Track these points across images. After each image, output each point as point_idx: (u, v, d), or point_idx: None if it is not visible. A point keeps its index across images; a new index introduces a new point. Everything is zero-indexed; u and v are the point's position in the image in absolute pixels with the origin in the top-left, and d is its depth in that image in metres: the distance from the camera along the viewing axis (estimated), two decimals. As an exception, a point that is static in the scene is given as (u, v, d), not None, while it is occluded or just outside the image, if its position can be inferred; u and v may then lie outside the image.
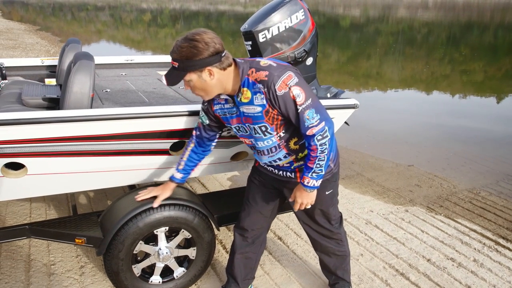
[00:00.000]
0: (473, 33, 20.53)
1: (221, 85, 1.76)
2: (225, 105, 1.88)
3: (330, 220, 2.14)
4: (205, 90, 1.76)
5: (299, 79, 1.73)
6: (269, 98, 1.71)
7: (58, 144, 2.00)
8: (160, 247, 2.22)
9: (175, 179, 2.11)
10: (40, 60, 3.47)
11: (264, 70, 1.72)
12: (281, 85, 1.69)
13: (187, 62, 1.66)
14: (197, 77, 1.70)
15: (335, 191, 2.11)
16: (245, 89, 1.75)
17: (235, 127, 1.92)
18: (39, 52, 11.49)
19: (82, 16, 30.28)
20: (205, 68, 1.68)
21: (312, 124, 1.73)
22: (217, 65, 1.70)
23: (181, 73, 1.69)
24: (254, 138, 1.89)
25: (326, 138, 1.76)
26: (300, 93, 1.70)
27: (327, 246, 2.22)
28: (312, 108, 1.73)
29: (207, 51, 1.66)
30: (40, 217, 3.11)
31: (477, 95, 9.14)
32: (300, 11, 2.83)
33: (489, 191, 4.08)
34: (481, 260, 2.87)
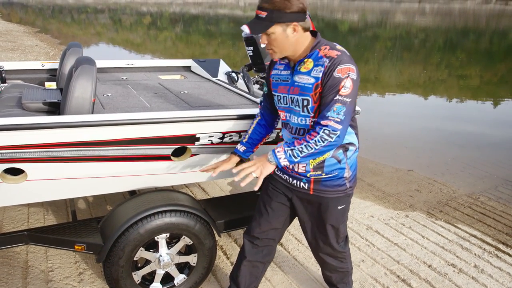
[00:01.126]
0: (469, 38, 20.65)
1: (296, 46, 1.77)
2: (282, 71, 1.90)
3: (338, 238, 2.08)
4: (283, 45, 1.75)
5: (357, 79, 1.75)
6: (325, 72, 1.71)
7: (59, 149, 1.98)
8: (160, 254, 2.20)
9: (238, 152, 2.10)
10: (41, 63, 3.46)
11: (338, 51, 1.74)
12: (343, 69, 1.70)
13: (278, 13, 1.67)
14: (282, 31, 1.71)
15: (347, 208, 2.04)
16: (309, 60, 1.77)
17: (278, 96, 1.91)
18: (38, 55, 11.46)
19: (81, 18, 30.28)
20: (292, 22, 1.70)
21: (332, 117, 1.71)
22: (302, 24, 1.73)
23: (269, 23, 1.69)
24: (292, 111, 1.87)
25: (330, 138, 1.72)
26: (349, 87, 1.71)
27: (329, 263, 2.19)
28: (345, 106, 1.72)
29: (297, 6, 1.68)
30: (38, 222, 3.08)
31: (474, 100, 9.17)
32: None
33: (488, 196, 4.08)
34: (482, 266, 2.87)
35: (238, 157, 2.12)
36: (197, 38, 20.03)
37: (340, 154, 1.88)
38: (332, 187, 1.92)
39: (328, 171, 1.89)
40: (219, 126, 2.20)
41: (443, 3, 50.05)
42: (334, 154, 1.87)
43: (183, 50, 16.31)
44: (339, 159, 1.88)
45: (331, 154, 1.86)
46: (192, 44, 18.12)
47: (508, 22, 28.41)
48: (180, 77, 3.58)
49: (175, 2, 55.75)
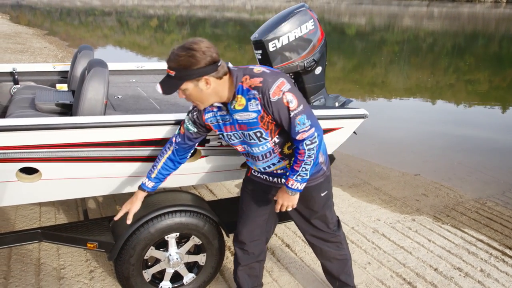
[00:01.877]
0: (478, 43, 20.54)
1: (217, 94, 1.78)
2: (218, 112, 1.89)
3: (328, 224, 2.17)
4: (201, 99, 1.78)
5: (292, 85, 1.78)
6: (263, 104, 1.74)
7: (72, 150, 2.03)
8: (170, 253, 2.24)
9: (146, 188, 2.06)
10: (52, 65, 3.52)
11: (258, 77, 1.75)
12: (275, 91, 1.73)
13: (185, 71, 1.68)
14: (194, 86, 1.72)
15: (330, 193, 2.14)
16: (240, 96, 1.77)
17: (227, 134, 1.93)
18: (47, 57, 11.60)
19: (89, 21, 30.56)
20: (202, 77, 1.70)
21: (302, 129, 1.77)
22: (213, 74, 1.72)
23: (178, 82, 1.70)
24: (248, 144, 1.91)
25: (314, 144, 1.79)
26: (293, 99, 1.75)
27: (327, 250, 2.24)
28: (304, 114, 1.77)
29: (204, 60, 1.67)
30: (50, 221, 3.13)
31: (482, 105, 9.13)
32: (310, 21, 2.87)
33: (496, 201, 4.08)
34: (488, 270, 2.87)
35: (146, 192, 2.09)
36: (204, 41, 20.06)
37: None
38: (312, 175, 1.96)
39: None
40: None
41: (452, 7, 49.81)
42: None
43: (190, 53, 16.36)
44: None
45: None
46: (199, 47, 18.18)
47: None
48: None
49: (182, 5, 56.08)
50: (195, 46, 1.66)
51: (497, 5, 53.13)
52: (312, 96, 3.08)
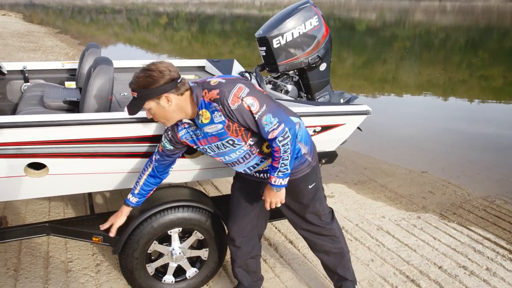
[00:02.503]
0: (493, 37, 20.20)
1: (180, 110, 1.85)
2: (189, 128, 1.95)
3: (320, 216, 2.16)
4: (166, 116, 1.85)
5: (250, 89, 1.80)
6: (226, 114, 1.78)
7: (78, 145, 2.08)
8: (173, 248, 2.28)
9: (130, 203, 2.13)
10: (61, 63, 3.58)
11: (215, 89, 1.79)
12: (233, 99, 1.76)
13: (145, 91, 1.77)
14: (156, 104, 1.80)
15: (318, 185, 2.13)
16: (204, 110, 1.82)
17: (202, 148, 1.98)
18: (59, 55, 11.76)
19: (100, 19, 30.86)
20: (162, 95, 1.78)
21: (271, 128, 1.79)
22: (173, 91, 1.79)
23: (140, 102, 1.80)
24: (224, 153, 1.95)
25: (287, 138, 1.80)
26: (253, 102, 1.77)
27: (322, 244, 2.24)
28: (268, 113, 1.79)
29: (162, 79, 1.76)
30: (58, 215, 3.21)
31: (496, 101, 8.98)
32: (314, 17, 2.87)
33: (505, 200, 4.04)
34: (494, 269, 2.85)
35: (131, 207, 2.16)
36: (212, 38, 20.20)
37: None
38: (297, 167, 2.00)
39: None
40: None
41: (466, 1, 49.01)
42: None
43: (198, 50, 16.48)
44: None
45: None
46: (207, 44, 18.27)
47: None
48: (194, 76, 3.66)
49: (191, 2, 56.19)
50: (152, 67, 1.77)
51: (513, -1, 52.07)
52: (317, 92, 3.09)
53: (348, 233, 3.23)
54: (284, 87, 3.19)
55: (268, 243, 3.04)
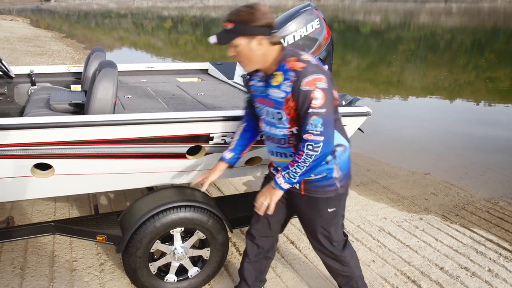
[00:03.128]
0: (499, 39, 20.08)
1: (264, 59, 1.82)
2: (259, 82, 1.95)
3: (331, 241, 2.09)
4: (249, 58, 1.81)
5: (328, 86, 1.76)
6: (293, 87, 1.76)
7: (83, 146, 2.13)
8: (175, 247, 2.32)
9: (225, 159, 2.15)
10: (67, 67, 3.65)
11: (303, 63, 1.77)
12: (309, 82, 1.73)
13: (242, 26, 1.75)
14: (246, 43, 1.78)
15: (339, 211, 2.05)
16: (279, 73, 1.81)
17: (257, 107, 1.98)
18: (65, 59, 11.90)
19: (105, 23, 31.12)
20: (256, 36, 1.76)
21: (311, 130, 1.75)
22: (268, 37, 1.78)
23: (233, 35, 1.77)
24: (270, 122, 1.93)
25: (315, 152, 1.76)
26: (319, 98, 1.73)
27: (329, 265, 2.18)
28: (321, 118, 1.74)
29: (262, 21, 1.75)
30: (63, 216, 3.26)
31: (502, 103, 8.94)
32: (315, 20, 2.90)
33: (508, 201, 4.03)
34: (496, 270, 2.85)
35: (226, 163, 2.16)
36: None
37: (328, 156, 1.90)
38: (322, 187, 1.96)
39: (316, 173, 1.92)
40: (232, 126, 2.30)
41: (471, 2, 48.77)
42: None
43: (203, 53, 16.57)
44: (326, 160, 1.91)
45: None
46: (212, 48, 18.35)
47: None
48: (197, 79, 3.71)
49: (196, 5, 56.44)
50: (256, 6, 1.76)
51: (519, 0, 51.76)
52: None
53: (350, 234, 3.25)
54: (286, 89, 3.23)
55: (270, 244, 3.06)
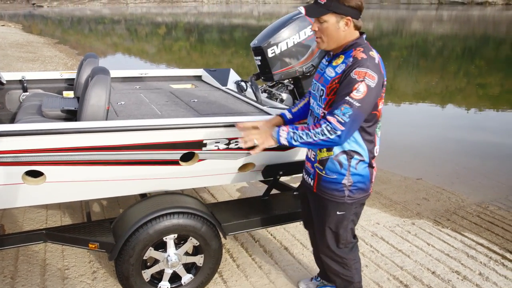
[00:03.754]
0: (489, 46, 20.37)
1: (342, 40, 1.85)
2: (325, 61, 2.00)
3: (338, 243, 2.10)
4: (331, 36, 1.84)
5: (375, 88, 1.77)
6: (345, 70, 1.80)
7: (75, 153, 2.12)
8: (169, 254, 2.31)
9: (285, 116, 2.21)
10: (59, 73, 3.64)
11: (366, 56, 1.79)
12: (361, 73, 1.76)
13: (336, 3, 1.78)
14: (334, 21, 1.81)
15: (349, 217, 2.03)
16: (342, 56, 1.86)
17: (314, 82, 2.04)
18: (57, 65, 11.85)
19: (99, 29, 31.06)
20: (347, 16, 1.80)
21: (337, 115, 1.76)
22: (354, 20, 1.82)
23: (325, 10, 1.79)
24: (315, 97, 2.00)
25: (329, 135, 1.78)
26: (362, 92, 1.74)
27: (330, 266, 2.19)
28: (352, 109, 1.75)
29: (355, 2, 1.79)
30: (55, 223, 3.23)
31: (492, 109, 9.05)
32: (308, 27, 2.94)
33: (498, 205, 4.07)
34: (487, 274, 2.88)
35: (282, 120, 2.20)
36: (211, 48, 20.34)
37: (344, 159, 1.93)
38: (330, 190, 1.99)
39: (328, 172, 1.97)
40: (225, 133, 2.31)
41: (462, 10, 49.48)
42: (338, 157, 1.93)
43: (197, 60, 16.60)
44: (341, 164, 1.93)
45: (335, 156, 1.92)
46: (206, 54, 18.41)
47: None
48: (191, 86, 3.72)
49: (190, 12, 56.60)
50: None
51: (509, 7, 52.57)
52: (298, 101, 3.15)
53: (343, 239, 3.26)
54: (279, 95, 3.24)
55: (264, 250, 3.06)
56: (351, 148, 1.92)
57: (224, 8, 61.47)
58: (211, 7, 68.61)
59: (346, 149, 1.92)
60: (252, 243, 3.14)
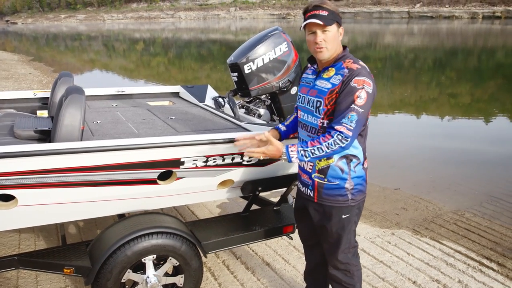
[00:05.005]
0: (458, 57, 21.13)
1: (338, 49, 2.00)
2: (310, 75, 2.11)
3: (343, 247, 2.12)
4: (333, 44, 1.96)
5: (372, 93, 1.91)
6: (343, 81, 1.91)
7: (48, 175, 2.06)
8: (148, 275, 2.26)
9: (279, 128, 2.32)
10: (33, 92, 3.57)
11: (359, 65, 1.94)
12: (360, 81, 1.89)
13: (336, 14, 1.95)
14: (336, 30, 1.96)
15: (352, 218, 2.09)
16: (332, 69, 1.99)
17: (299, 95, 2.14)
18: (32, 83, 11.60)
19: (75, 45, 30.68)
20: (340, 26, 1.99)
21: (346, 124, 1.87)
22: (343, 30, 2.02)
23: (331, 21, 1.93)
24: (307, 110, 2.07)
25: (341, 143, 1.88)
26: (362, 98, 1.88)
27: (336, 276, 2.19)
28: (358, 116, 1.87)
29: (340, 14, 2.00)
30: (29, 248, 3.12)
31: (464, 117, 9.35)
32: (283, 44, 2.98)
33: (473, 213, 4.17)
34: (466, 281, 2.93)
35: (278, 133, 2.30)
36: (189, 63, 20.35)
37: (344, 165, 2.00)
38: (334, 196, 2.04)
39: (331, 178, 2.02)
40: (202, 150, 2.30)
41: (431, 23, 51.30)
42: (338, 163, 2.00)
43: (176, 75, 16.56)
44: (342, 169, 2.00)
45: (335, 162, 1.99)
46: (184, 69, 18.40)
47: (494, 40, 29.16)
48: (168, 103, 3.70)
49: (167, 28, 56.67)
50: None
51: (474, 21, 54.89)
52: (289, 115, 3.17)
53: (324, 252, 3.26)
54: (257, 111, 3.26)
55: (245, 267, 3.03)
56: (349, 152, 2.00)
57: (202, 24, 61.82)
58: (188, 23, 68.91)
59: (346, 154, 2.00)
60: (233, 260, 3.11)
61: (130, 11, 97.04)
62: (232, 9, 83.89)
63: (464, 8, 61.08)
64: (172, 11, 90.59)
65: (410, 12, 64.54)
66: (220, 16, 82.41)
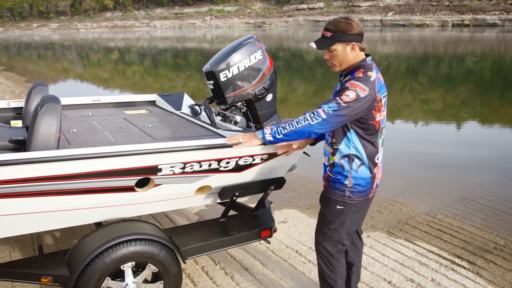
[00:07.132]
0: (430, 64, 21.82)
1: (352, 61, 2.14)
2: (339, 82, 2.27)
3: (325, 234, 2.29)
4: (342, 61, 2.14)
5: (365, 98, 2.03)
6: (342, 83, 2.12)
7: (24, 185, 2.05)
8: (127, 283, 2.26)
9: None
10: (6, 102, 3.51)
11: (364, 74, 2.09)
12: (354, 84, 2.05)
13: (341, 34, 2.09)
14: (342, 48, 2.11)
15: (346, 212, 2.22)
16: (348, 77, 2.15)
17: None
18: (4, 93, 11.30)
19: (48, 55, 30.04)
20: (351, 42, 2.10)
21: (323, 107, 2.06)
22: (359, 44, 2.13)
23: (332, 42, 2.10)
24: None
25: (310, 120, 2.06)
26: (351, 97, 2.02)
27: (321, 265, 2.35)
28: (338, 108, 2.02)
29: (356, 29, 2.10)
30: (4, 259, 3.05)
31: (437, 122, 9.66)
32: (258, 52, 3.05)
33: (445, 214, 4.33)
34: (438, 280, 3.04)
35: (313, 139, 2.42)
36: (165, 72, 20.25)
37: (345, 162, 2.17)
38: (334, 189, 2.24)
39: (335, 173, 2.22)
40: (179, 157, 2.33)
41: (403, 31, 52.83)
42: (340, 161, 2.18)
43: (152, 84, 16.45)
44: (343, 167, 2.18)
45: (338, 159, 2.17)
46: (161, 78, 18.29)
47: (464, 48, 30.27)
48: (145, 111, 3.70)
49: (143, 37, 56.25)
50: (352, 18, 2.13)
51: (444, 28, 56.94)
52: (265, 122, 3.23)
53: (302, 256, 3.33)
54: (233, 118, 3.31)
55: (224, 272, 3.06)
56: (351, 152, 2.16)
57: (178, 33, 61.64)
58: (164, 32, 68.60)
59: (347, 153, 2.17)
60: (212, 266, 3.13)
61: (104, 20, 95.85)
62: (207, 18, 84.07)
63: (434, 16, 63.33)
64: (147, 20, 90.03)
65: (383, 21, 66.37)
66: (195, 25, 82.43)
